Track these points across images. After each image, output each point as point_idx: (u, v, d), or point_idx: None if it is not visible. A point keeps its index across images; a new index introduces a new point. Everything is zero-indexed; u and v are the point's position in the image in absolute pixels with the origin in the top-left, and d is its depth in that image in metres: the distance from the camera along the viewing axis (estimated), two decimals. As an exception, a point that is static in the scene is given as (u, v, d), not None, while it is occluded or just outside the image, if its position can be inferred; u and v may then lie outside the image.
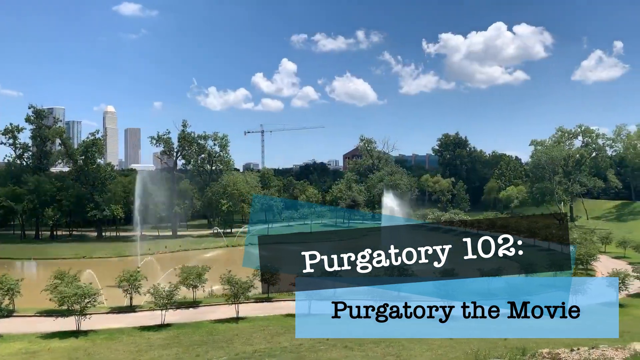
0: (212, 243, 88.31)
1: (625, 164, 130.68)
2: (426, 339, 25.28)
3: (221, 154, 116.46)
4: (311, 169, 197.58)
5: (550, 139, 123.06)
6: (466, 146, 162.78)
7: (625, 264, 55.40)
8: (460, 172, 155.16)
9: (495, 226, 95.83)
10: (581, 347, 13.00)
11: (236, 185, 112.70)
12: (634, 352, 11.79)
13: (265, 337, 28.74)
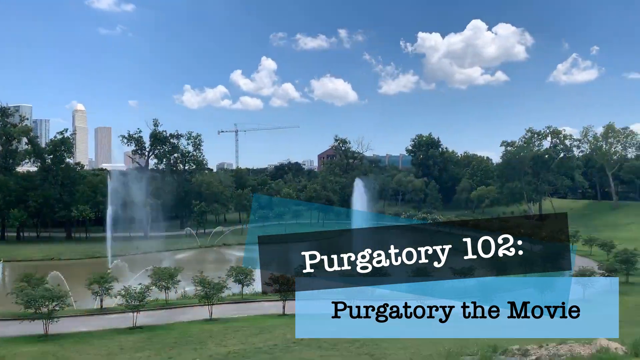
0: (184, 244, 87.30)
1: (592, 165, 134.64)
2: (400, 338, 25.51)
3: (194, 153, 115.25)
4: (286, 169, 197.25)
5: (520, 140, 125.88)
6: (439, 147, 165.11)
7: (592, 262, 57.00)
8: (432, 172, 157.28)
9: (468, 225, 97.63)
10: (550, 343, 13.31)
11: (209, 185, 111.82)
12: (600, 347, 12.14)
13: (240, 339, 28.52)
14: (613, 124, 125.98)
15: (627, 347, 12.08)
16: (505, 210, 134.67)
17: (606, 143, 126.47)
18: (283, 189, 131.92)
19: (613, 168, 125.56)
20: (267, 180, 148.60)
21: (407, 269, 42.58)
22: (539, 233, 76.85)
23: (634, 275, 50.17)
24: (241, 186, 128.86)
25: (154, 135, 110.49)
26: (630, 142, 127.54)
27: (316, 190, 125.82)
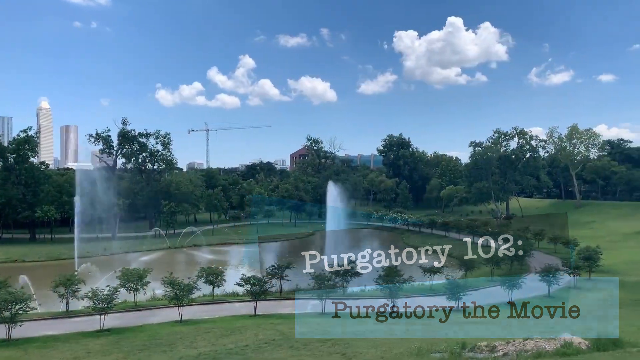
0: (154, 245, 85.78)
1: (556, 165, 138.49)
2: (371, 337, 25.72)
3: (163, 152, 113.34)
4: (258, 169, 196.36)
5: (487, 141, 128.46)
6: (409, 147, 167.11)
7: (556, 259, 58.61)
8: (403, 172, 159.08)
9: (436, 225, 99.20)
10: (517, 340, 13.64)
11: (179, 185, 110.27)
12: (564, 342, 12.50)
13: (210, 340, 28.23)
14: (576, 126, 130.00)
15: (589, 341, 12.48)
16: (473, 209, 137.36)
17: (570, 144, 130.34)
18: (255, 188, 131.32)
19: (576, 168, 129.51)
20: (239, 180, 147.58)
21: (378, 268, 43.14)
22: (506, 232, 78.62)
23: (596, 272, 51.88)
24: (212, 186, 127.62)
25: (122, 134, 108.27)
26: (593, 143, 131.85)
27: (288, 190, 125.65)
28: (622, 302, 40.67)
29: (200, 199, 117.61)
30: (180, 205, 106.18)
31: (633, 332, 18.72)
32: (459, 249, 74.08)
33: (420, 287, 47.43)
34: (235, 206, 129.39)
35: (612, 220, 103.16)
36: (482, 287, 47.72)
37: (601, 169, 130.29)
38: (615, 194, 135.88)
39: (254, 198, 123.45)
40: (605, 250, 57.26)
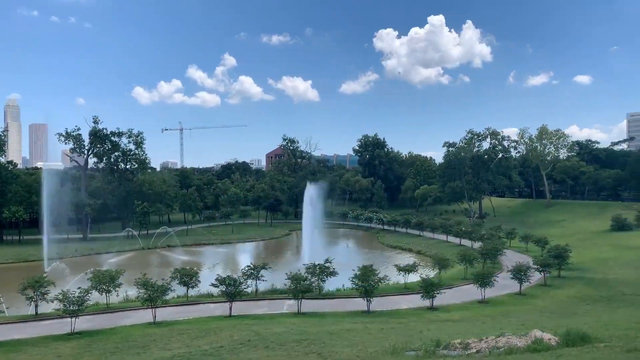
0: (126, 245, 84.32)
1: (528, 165, 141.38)
2: (347, 336, 25.80)
3: (136, 151, 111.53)
4: (233, 168, 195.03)
5: (461, 141, 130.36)
6: (384, 147, 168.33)
7: (528, 258, 59.88)
8: (379, 171, 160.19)
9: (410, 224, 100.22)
10: (489, 337, 13.87)
11: (152, 185, 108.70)
12: (535, 338, 12.77)
13: (185, 341, 27.90)
14: (546, 127, 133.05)
15: (559, 337, 12.78)
16: (447, 208, 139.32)
17: (540, 144, 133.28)
18: (230, 188, 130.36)
19: (547, 168, 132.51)
20: (214, 179, 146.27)
21: (353, 266, 43.37)
22: (478, 231, 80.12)
23: (565, 269, 53.20)
24: (186, 186, 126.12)
25: (94, 133, 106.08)
26: (562, 144, 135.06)
27: (264, 190, 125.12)
28: (590, 299, 41.85)
29: (174, 199, 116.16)
30: (153, 205, 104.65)
31: (600, 328, 19.25)
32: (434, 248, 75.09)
33: (395, 285, 47.89)
34: (210, 206, 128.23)
35: (580, 219, 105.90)
36: (456, 286, 48.45)
37: (570, 169, 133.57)
38: (584, 193, 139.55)
39: (229, 198, 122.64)
40: (574, 248, 58.80)
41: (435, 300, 39.52)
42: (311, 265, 43.45)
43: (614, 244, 73.61)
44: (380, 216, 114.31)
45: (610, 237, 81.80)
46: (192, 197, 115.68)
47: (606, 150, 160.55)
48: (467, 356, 12.50)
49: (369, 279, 38.59)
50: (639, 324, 20.39)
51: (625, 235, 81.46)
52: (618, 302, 39.15)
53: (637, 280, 47.32)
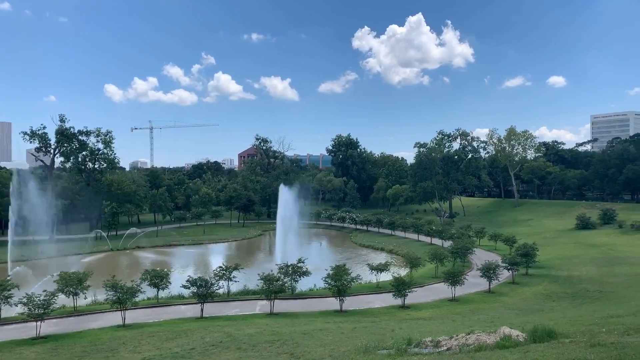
0: (94, 247, 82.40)
1: (496, 165, 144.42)
2: (320, 336, 25.84)
3: (105, 151, 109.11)
4: (205, 168, 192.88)
5: (432, 142, 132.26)
6: (357, 147, 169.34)
7: (496, 256, 61.12)
8: (351, 171, 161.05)
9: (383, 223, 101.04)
10: (459, 334, 14.10)
11: (121, 185, 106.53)
12: (503, 335, 13.03)
13: (155, 344, 27.44)
14: (514, 128, 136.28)
15: (526, 334, 13.09)
16: (418, 207, 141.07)
17: (509, 145, 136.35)
18: (201, 188, 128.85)
19: (515, 168, 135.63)
20: (185, 179, 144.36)
21: (325, 266, 43.45)
22: (449, 230, 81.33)
23: (532, 267, 54.53)
24: (156, 186, 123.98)
25: (60, 131, 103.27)
26: (530, 145, 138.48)
27: (236, 190, 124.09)
28: (556, 296, 43.02)
29: (144, 199, 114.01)
30: (122, 205, 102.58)
31: (565, 324, 19.80)
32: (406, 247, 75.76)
33: (367, 285, 48.21)
34: (180, 207, 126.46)
35: (546, 218, 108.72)
36: (427, 284, 49.08)
37: (537, 170, 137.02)
38: (550, 193, 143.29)
39: (201, 198, 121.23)
40: (541, 246, 60.37)
41: (406, 299, 39.96)
42: (284, 265, 43.38)
43: (578, 242, 75.87)
44: (353, 216, 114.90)
45: (574, 235, 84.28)
46: (162, 197, 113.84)
47: (571, 151, 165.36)
48: (438, 354, 12.68)
49: (341, 279, 38.73)
50: (601, 320, 21.05)
51: (589, 233, 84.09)
52: (582, 299, 40.36)
53: (600, 278, 48.87)
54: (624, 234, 79.23)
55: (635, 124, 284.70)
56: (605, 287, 43.89)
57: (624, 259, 59.04)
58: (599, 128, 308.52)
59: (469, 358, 10.74)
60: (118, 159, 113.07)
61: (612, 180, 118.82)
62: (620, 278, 48.07)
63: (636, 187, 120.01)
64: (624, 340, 11.27)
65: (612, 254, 63.03)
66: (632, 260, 57.73)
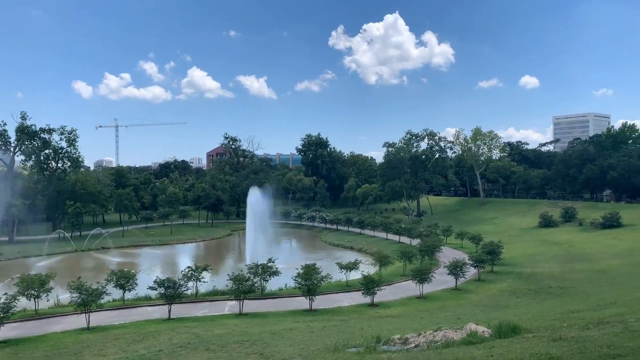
0: (57, 248, 80.00)
1: (463, 165, 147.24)
2: (289, 336, 25.82)
3: (68, 149, 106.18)
4: (172, 167, 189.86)
5: (400, 141, 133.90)
6: (327, 146, 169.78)
7: (463, 254, 62.28)
8: (321, 171, 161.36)
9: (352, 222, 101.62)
10: (427, 331, 14.31)
11: (85, 184, 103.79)
12: (470, 331, 13.29)
13: (121, 346, 26.86)
14: (480, 128, 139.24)
15: (492, 329, 13.39)
16: (387, 206, 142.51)
17: (475, 145, 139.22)
18: (169, 188, 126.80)
19: (480, 168, 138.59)
20: (151, 178, 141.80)
21: (296, 265, 43.45)
22: (417, 228, 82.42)
23: (498, 264, 55.83)
24: (122, 185, 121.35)
25: (21, 129, 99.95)
26: (495, 145, 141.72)
27: (205, 189, 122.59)
28: (520, 292, 44.16)
29: (109, 199, 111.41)
30: (86, 205, 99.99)
31: (529, 319, 20.35)
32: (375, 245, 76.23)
33: (337, 283, 48.41)
34: (147, 206, 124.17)
35: (511, 217, 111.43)
36: (396, 282, 49.63)
37: (502, 169, 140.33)
38: (514, 192, 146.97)
39: (168, 198, 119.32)
40: (506, 244, 61.88)
41: (375, 297, 40.32)
42: (253, 265, 43.13)
43: (541, 240, 78.07)
44: (323, 215, 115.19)
45: (537, 233, 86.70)
46: (128, 197, 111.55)
47: (534, 151, 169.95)
48: (406, 351, 12.84)
49: (311, 278, 38.77)
50: (563, 315, 21.74)
51: (552, 231, 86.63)
52: (545, 295, 41.54)
53: (562, 274, 50.45)
54: (584, 232, 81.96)
55: (595, 125, 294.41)
56: (566, 283, 45.32)
57: (584, 255, 61.11)
58: (561, 129, 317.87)
59: (436, 354, 10.92)
60: (82, 157, 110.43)
61: (573, 180, 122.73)
62: (580, 274, 49.75)
63: (595, 186, 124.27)
64: (584, 334, 11.67)
65: (573, 251, 65.14)
66: (591, 257, 59.80)
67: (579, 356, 8.65)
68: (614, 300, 28.22)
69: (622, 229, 78.63)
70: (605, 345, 9.34)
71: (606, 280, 44.96)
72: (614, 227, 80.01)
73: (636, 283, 40.39)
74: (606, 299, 30.57)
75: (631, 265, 52.12)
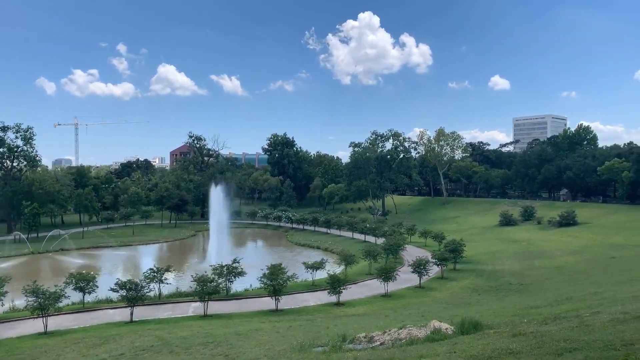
0: (13, 250, 77.01)
1: (426, 165, 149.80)
2: (254, 335, 25.64)
3: (25, 148, 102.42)
4: (134, 166, 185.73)
5: (366, 142, 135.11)
6: (293, 146, 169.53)
7: (427, 252, 63.32)
8: (288, 170, 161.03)
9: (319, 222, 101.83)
10: (392, 329, 14.47)
11: (43, 184, 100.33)
12: (433, 328, 13.49)
13: (80, 351, 26.06)
14: (443, 129, 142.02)
15: (455, 326, 13.66)
16: (353, 206, 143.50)
17: (438, 145, 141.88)
18: (131, 187, 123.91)
19: (443, 168, 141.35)
20: (113, 178, 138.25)
21: (262, 266, 43.20)
22: (382, 227, 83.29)
23: (460, 262, 57.02)
24: (82, 185, 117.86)
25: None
26: (457, 145, 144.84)
27: (168, 189, 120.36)
28: (481, 289, 45.22)
29: (68, 199, 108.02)
30: (44, 206, 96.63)
31: (490, 316, 20.87)
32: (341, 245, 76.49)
33: (303, 283, 48.40)
34: (108, 207, 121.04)
35: (473, 215, 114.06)
36: (361, 281, 50.00)
37: (464, 169, 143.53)
38: (476, 191, 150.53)
39: (130, 198, 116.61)
40: (468, 242, 63.25)
41: (341, 296, 40.51)
42: (218, 266, 42.65)
43: (501, 238, 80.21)
44: (289, 215, 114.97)
45: (498, 231, 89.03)
46: (88, 197, 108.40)
47: (495, 151, 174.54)
48: (372, 349, 12.95)
49: (277, 278, 38.61)
50: (522, 311, 22.39)
51: (512, 229, 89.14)
52: (505, 292, 42.68)
53: (521, 271, 51.95)
54: (542, 230, 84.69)
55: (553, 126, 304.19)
56: (525, 280, 46.69)
57: (542, 253, 63.13)
58: (521, 130, 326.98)
59: (401, 352, 11.05)
60: (39, 156, 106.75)
61: (531, 179, 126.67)
62: (538, 271, 51.36)
63: (553, 186, 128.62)
64: (542, 329, 12.04)
65: (532, 249, 67.19)
66: (548, 254, 61.84)
67: (537, 351, 8.92)
68: (570, 296, 29.27)
69: (578, 227, 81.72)
70: (562, 339, 9.67)
71: (563, 277, 46.55)
72: (570, 225, 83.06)
73: (591, 279, 42.02)
74: (563, 294, 31.68)
75: (586, 261, 54.20)
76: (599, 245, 64.52)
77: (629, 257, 53.53)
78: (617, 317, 12.72)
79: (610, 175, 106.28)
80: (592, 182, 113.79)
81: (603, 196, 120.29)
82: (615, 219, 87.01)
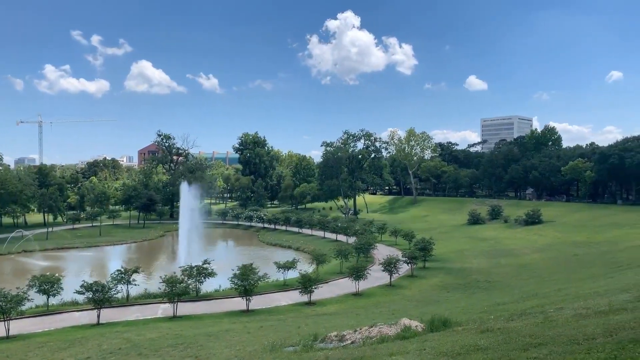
0: (-28, 252, 74.30)
1: (397, 164, 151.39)
2: (224, 336, 25.42)
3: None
4: (101, 165, 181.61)
5: (338, 141, 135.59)
6: (264, 145, 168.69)
7: (397, 251, 63.96)
8: (259, 170, 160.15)
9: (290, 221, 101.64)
10: (363, 327, 14.57)
11: (4, 183, 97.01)
12: (404, 326, 13.64)
13: (45, 355, 25.30)
14: (413, 129, 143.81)
15: (424, 324, 13.85)
16: (324, 205, 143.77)
17: (408, 146, 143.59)
18: (97, 187, 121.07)
19: (413, 167, 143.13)
20: (79, 177, 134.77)
21: (233, 266, 42.89)
22: (353, 227, 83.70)
23: (429, 260, 57.82)
24: (46, 184, 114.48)
25: None
26: (427, 145, 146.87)
27: (136, 189, 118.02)
28: (450, 287, 45.96)
29: (31, 199, 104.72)
30: (6, 206, 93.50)
31: (459, 313, 21.25)
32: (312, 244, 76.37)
33: (275, 283, 48.22)
34: (74, 207, 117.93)
35: (442, 214, 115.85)
36: (332, 280, 50.14)
37: (433, 169, 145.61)
38: (445, 190, 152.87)
39: (96, 197, 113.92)
40: (437, 241, 64.20)
41: (313, 295, 40.54)
42: (187, 267, 42.09)
43: (469, 236, 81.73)
44: (261, 214, 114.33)
45: (466, 230, 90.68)
46: (53, 196, 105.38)
47: (464, 151, 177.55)
48: (343, 347, 13.00)
49: (248, 278, 38.36)
50: (490, 308, 22.86)
51: (479, 228, 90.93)
52: (473, 289, 43.49)
53: (489, 269, 53.04)
54: (509, 228, 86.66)
55: (519, 127, 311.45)
56: (492, 277, 47.69)
57: (509, 251, 64.62)
58: (488, 130, 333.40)
59: (372, 350, 11.14)
60: (0, 154, 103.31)
61: (499, 179, 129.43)
62: (505, 269, 52.54)
63: (519, 185, 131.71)
64: (509, 325, 12.33)
65: (499, 247, 68.71)
66: (515, 252, 63.34)
67: (504, 346, 9.12)
68: (535, 293, 30.06)
69: (543, 225, 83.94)
70: (527, 335, 9.91)
71: (528, 274, 47.75)
72: (536, 223, 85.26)
73: (555, 276, 43.23)
74: (528, 291, 32.51)
75: (550, 259, 55.74)
76: (562, 243, 66.45)
77: (590, 254, 55.31)
78: (580, 312, 13.13)
79: (573, 175, 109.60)
80: (556, 182, 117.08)
81: (567, 195, 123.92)
82: (579, 217, 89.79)
